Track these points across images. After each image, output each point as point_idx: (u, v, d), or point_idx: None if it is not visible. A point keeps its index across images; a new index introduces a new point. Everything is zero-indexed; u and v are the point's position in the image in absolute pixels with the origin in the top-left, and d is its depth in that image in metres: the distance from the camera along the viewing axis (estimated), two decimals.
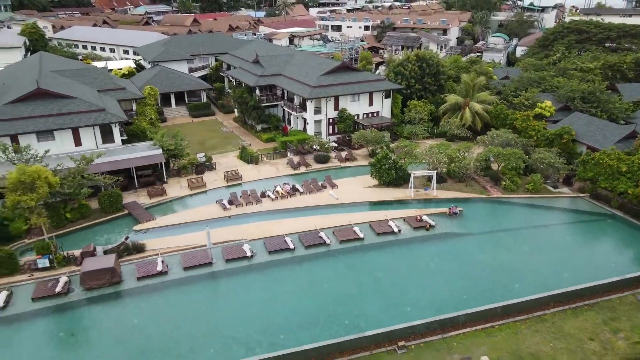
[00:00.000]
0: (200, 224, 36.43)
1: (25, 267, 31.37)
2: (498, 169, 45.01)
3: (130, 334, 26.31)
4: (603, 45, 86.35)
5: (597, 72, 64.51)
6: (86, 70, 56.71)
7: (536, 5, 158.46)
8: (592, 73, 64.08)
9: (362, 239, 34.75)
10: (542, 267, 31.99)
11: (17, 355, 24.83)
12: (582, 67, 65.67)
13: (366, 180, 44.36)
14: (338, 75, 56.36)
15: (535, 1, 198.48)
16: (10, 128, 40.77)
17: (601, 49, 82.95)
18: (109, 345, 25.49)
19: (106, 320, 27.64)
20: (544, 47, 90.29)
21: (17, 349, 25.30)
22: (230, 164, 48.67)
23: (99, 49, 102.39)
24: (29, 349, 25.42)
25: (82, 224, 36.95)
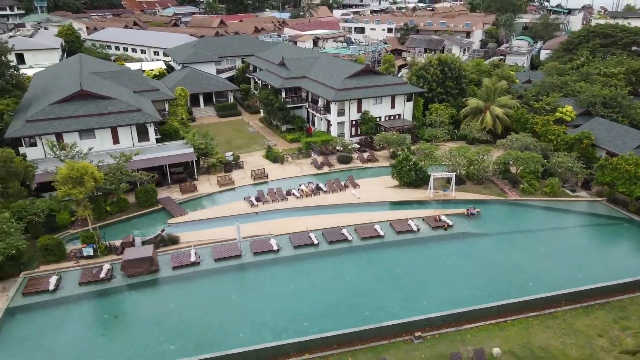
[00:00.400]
0: (229, 219, 38.74)
1: (71, 255, 34.17)
2: (516, 172, 46.12)
3: (167, 317, 28.70)
4: (629, 50, 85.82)
5: (620, 77, 64.57)
6: (123, 72, 59.89)
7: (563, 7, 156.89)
8: (615, 78, 64.19)
9: (382, 237, 36.53)
10: (557, 268, 33.20)
11: (68, 333, 27.46)
12: (605, 72, 65.81)
13: (387, 181, 46.07)
14: (361, 79, 58.13)
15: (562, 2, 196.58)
16: (56, 126, 43.88)
17: (627, 53, 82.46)
18: (148, 326, 27.93)
19: (145, 304, 30.17)
20: (568, 51, 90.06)
21: (67, 327, 27.94)
22: (256, 163, 50.96)
23: (131, 50, 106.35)
24: (78, 328, 28.05)
25: (121, 217, 39.70)
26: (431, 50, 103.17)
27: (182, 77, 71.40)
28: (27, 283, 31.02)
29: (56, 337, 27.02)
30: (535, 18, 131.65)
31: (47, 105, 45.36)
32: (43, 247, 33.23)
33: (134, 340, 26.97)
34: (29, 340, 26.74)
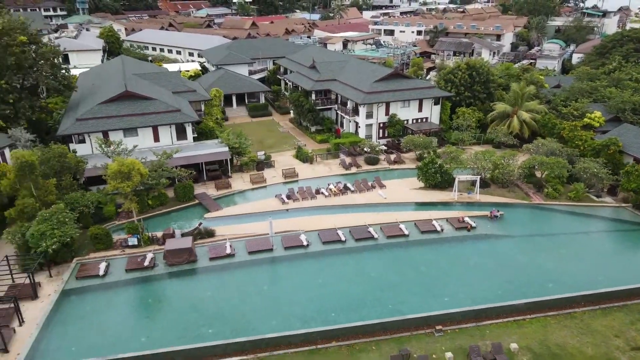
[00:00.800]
0: (261, 215, 41.01)
1: (117, 244, 37.08)
2: (541, 177, 46.87)
3: (205, 303, 31.13)
4: None
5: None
6: (162, 73, 63.19)
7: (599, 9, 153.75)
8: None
9: (407, 236, 38.14)
10: (577, 270, 34.16)
11: (116, 314, 30.23)
12: (637, 78, 65.38)
13: (413, 182, 47.56)
14: (390, 82, 59.65)
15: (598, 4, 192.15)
16: (103, 125, 47.15)
17: None
18: (188, 311, 30.40)
19: (185, 291, 32.72)
20: (600, 55, 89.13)
21: (116, 309, 30.72)
22: (287, 163, 53.18)
23: (167, 50, 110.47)
24: (125, 309, 30.83)
25: (161, 210, 42.53)
26: (460, 53, 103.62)
27: (217, 79, 74.33)
28: (80, 268, 34.02)
29: (106, 317, 29.80)
30: (569, 21, 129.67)
31: (95, 105, 48.71)
32: (93, 236, 36.24)
33: (175, 323, 29.48)
34: (83, 318, 29.60)
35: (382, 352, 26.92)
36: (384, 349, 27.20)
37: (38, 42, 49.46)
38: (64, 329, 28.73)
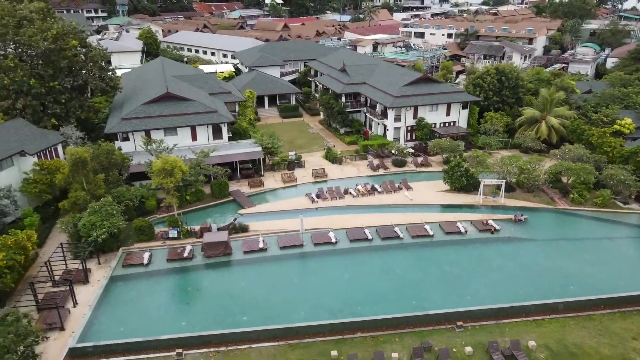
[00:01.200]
0: (292, 213, 43.17)
1: (159, 236, 39.87)
2: (567, 182, 47.42)
3: (240, 293, 33.45)
4: None
5: None
6: (199, 76, 66.26)
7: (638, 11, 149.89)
8: None
9: (431, 236, 39.61)
10: (599, 275, 34.92)
11: (159, 299, 32.90)
12: None
13: (439, 185, 48.85)
14: (418, 86, 60.92)
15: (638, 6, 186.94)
16: (146, 124, 50.29)
17: None
18: (224, 299, 32.80)
19: (221, 281, 35.18)
20: (636, 60, 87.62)
21: (158, 295, 33.42)
22: (316, 163, 55.20)
23: (202, 52, 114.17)
24: (166, 296, 33.51)
25: (198, 206, 45.23)
26: (491, 57, 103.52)
27: (250, 80, 77.04)
28: (125, 257, 36.90)
29: (150, 302, 32.50)
30: (604, 24, 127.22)
31: (138, 105, 51.93)
32: (137, 228, 39.14)
33: (212, 310, 31.91)
34: (129, 302, 32.38)
35: (405, 344, 28.60)
36: (407, 341, 28.86)
37: (88, 46, 53.00)
38: (112, 311, 31.53)
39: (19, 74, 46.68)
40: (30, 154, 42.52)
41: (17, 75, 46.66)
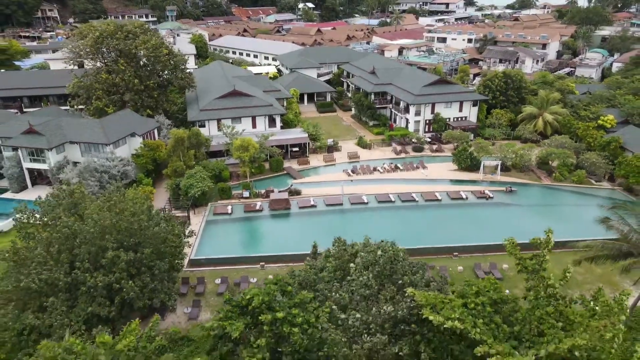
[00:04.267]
0: (332, 183, 56.30)
1: (235, 196, 53.62)
2: (551, 164, 59.14)
3: (297, 234, 46.72)
4: None
5: None
6: (254, 76, 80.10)
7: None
8: None
9: (440, 200, 52.18)
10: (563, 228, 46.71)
11: (240, 237, 46.63)
12: None
13: (449, 166, 61.23)
14: (436, 87, 73.29)
15: None
16: (218, 114, 64.32)
17: None
18: (285, 237, 46.15)
19: (283, 227, 48.64)
20: (636, 65, 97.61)
21: (239, 234, 47.13)
22: (350, 148, 68.16)
23: (245, 54, 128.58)
24: (245, 234, 47.21)
25: (261, 177, 58.83)
26: (506, 61, 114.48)
27: (292, 80, 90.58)
28: (214, 209, 50.75)
29: (233, 237, 46.27)
30: (616, 31, 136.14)
31: (211, 99, 66.04)
32: (220, 189, 52.98)
33: (277, 243, 45.20)
34: (219, 238, 46.16)
35: None
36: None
37: (172, 52, 67.33)
38: (210, 241, 45.29)
39: (127, 74, 61.23)
40: (139, 135, 56.97)
41: (125, 75, 61.22)
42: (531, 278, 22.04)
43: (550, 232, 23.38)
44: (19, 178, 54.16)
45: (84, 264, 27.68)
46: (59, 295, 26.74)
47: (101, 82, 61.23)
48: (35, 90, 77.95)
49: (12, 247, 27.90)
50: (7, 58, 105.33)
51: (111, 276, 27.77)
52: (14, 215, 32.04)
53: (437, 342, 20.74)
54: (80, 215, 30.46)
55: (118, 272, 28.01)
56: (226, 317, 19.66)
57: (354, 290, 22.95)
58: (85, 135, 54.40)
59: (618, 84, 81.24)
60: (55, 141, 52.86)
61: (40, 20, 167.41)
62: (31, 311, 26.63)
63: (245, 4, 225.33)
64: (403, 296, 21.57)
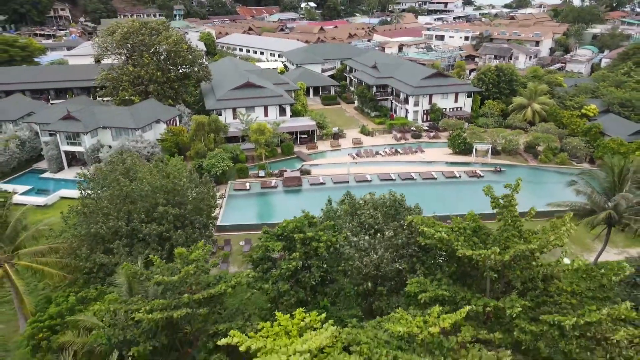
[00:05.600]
0: (339, 165, 62.29)
1: (252, 175, 59.62)
2: (538, 148, 65.13)
3: (308, 206, 52.13)
4: None
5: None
6: (264, 70, 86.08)
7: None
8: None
9: (435, 179, 58.19)
10: (544, 201, 52.80)
11: (257, 208, 52.62)
12: (638, 80, 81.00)
13: (445, 150, 67.23)
14: (433, 80, 79.30)
15: None
16: (234, 103, 70.34)
17: None
18: (298, 208, 51.75)
19: (295, 200, 54.59)
20: (622, 60, 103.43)
21: (256, 205, 53.15)
22: (354, 135, 74.11)
23: (252, 51, 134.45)
24: (262, 207, 53.24)
25: (274, 160, 64.82)
26: (501, 57, 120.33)
27: (298, 75, 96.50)
28: (234, 185, 56.78)
29: (252, 210, 52.22)
30: (606, 28, 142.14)
31: (227, 90, 72.07)
32: (238, 169, 58.98)
33: (291, 213, 50.84)
34: (239, 209, 52.16)
35: None
36: None
37: (191, 47, 73.29)
38: (231, 212, 51.30)
39: (151, 67, 67.21)
40: (164, 122, 62.97)
41: (150, 68, 67.19)
42: (501, 212, 27.75)
43: (520, 179, 28.88)
44: (57, 160, 60.12)
45: (140, 216, 33.67)
46: (122, 240, 32.70)
47: (127, 75, 67.22)
48: (60, 84, 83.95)
49: (82, 202, 33.91)
50: (28, 55, 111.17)
51: (161, 227, 33.74)
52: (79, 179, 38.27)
53: (429, 262, 26.72)
54: (132, 179, 36.42)
55: (167, 224, 33.98)
56: (267, 240, 25.66)
57: (364, 221, 28.95)
58: (116, 121, 60.40)
59: (603, 77, 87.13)
60: (90, 126, 58.85)
61: (52, 19, 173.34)
62: (98, 253, 32.59)
63: (249, 3, 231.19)
64: (403, 228, 27.53)
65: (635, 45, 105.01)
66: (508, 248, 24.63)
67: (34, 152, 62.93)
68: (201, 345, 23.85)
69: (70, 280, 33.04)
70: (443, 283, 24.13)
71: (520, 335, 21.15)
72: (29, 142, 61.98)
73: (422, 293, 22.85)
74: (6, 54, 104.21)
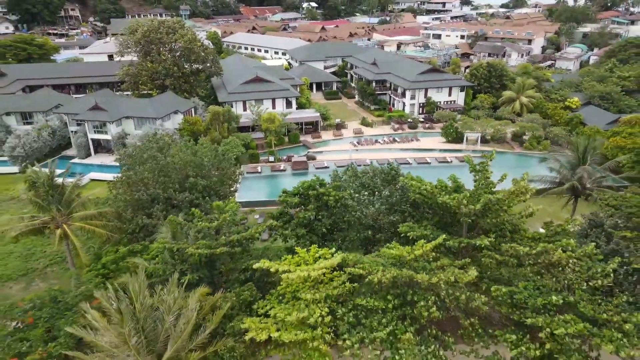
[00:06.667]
0: (341, 152, 68.23)
1: (262, 161, 65.56)
2: (524, 137, 71.12)
3: None
4: None
5: (631, 79, 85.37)
6: (270, 67, 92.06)
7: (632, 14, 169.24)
8: (626, 80, 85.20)
9: (429, 163, 64.16)
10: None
11: (267, 188, 58.58)
12: (620, 75, 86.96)
13: (439, 139, 73.18)
14: (428, 75, 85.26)
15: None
16: (244, 96, 76.31)
17: None
18: None
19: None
20: (608, 58, 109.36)
21: (266, 186, 59.09)
22: (355, 126, 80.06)
23: (257, 50, 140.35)
24: (272, 186, 59.16)
25: (282, 147, 70.74)
26: (494, 55, 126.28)
27: (302, 71, 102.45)
28: (247, 169, 62.74)
29: (263, 189, 58.19)
30: (597, 27, 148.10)
31: (238, 84, 78.05)
32: (250, 155, 64.94)
33: None
34: (252, 189, 58.17)
35: None
36: None
37: (204, 45, 79.21)
38: (246, 191, 57.26)
39: (167, 63, 73.15)
40: (181, 112, 68.93)
41: (166, 64, 73.13)
42: (477, 175, 33.66)
43: (494, 151, 34.80)
44: (85, 147, 66.03)
45: (174, 186, 39.61)
46: (160, 205, 38.62)
47: (146, 70, 73.15)
48: (80, 79, 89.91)
49: (125, 173, 39.90)
50: (45, 52, 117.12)
51: (192, 195, 39.66)
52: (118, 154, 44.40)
53: (418, 216, 32.65)
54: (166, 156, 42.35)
55: (196, 193, 39.89)
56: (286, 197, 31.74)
57: (364, 182, 34.93)
58: (139, 111, 66.33)
59: (588, 73, 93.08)
60: (115, 116, 64.78)
61: (63, 19, 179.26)
62: (140, 216, 38.53)
63: (252, 3, 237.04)
64: (397, 189, 33.48)
65: (620, 43, 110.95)
66: (479, 201, 30.53)
67: (62, 140, 68.85)
68: (234, 279, 29.79)
69: (115, 240, 38.98)
70: (428, 228, 30.06)
71: (486, 260, 27.11)
72: (59, 131, 67.90)
73: (411, 231, 28.78)
74: (25, 52, 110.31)
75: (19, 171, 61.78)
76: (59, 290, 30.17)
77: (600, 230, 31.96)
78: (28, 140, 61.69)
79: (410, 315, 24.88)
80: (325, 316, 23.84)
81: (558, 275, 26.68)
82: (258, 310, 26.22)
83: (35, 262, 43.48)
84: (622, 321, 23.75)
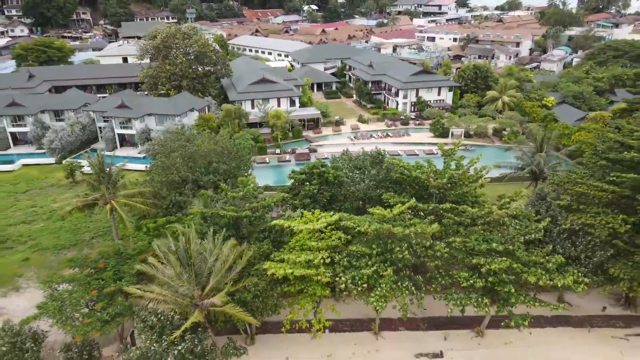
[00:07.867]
0: (340, 145, 76.46)
1: (269, 153, 73.88)
2: (502, 132, 79.46)
3: None
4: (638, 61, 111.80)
5: (604, 80, 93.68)
6: (275, 69, 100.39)
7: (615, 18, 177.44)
8: (600, 81, 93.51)
9: (417, 155, 72.48)
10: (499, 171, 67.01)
11: (274, 175, 66.86)
12: (594, 76, 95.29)
13: (427, 134, 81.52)
14: (420, 76, 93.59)
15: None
16: (252, 96, 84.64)
17: (630, 64, 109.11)
18: None
19: None
20: (589, 60, 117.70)
21: (273, 174, 67.39)
22: (352, 123, 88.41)
23: (260, 52, 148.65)
24: (278, 174, 67.45)
25: (286, 142, 79.06)
26: (484, 57, 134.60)
27: (304, 72, 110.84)
28: (256, 159, 71.00)
29: (270, 176, 66.53)
30: (582, 31, 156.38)
31: (246, 85, 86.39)
32: (259, 147, 73.27)
33: None
34: (262, 177, 66.35)
35: None
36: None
37: (215, 49, 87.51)
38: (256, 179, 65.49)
39: (184, 65, 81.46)
40: (197, 110, 77.26)
41: (182, 66, 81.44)
42: (446, 157, 41.92)
43: (461, 139, 43.06)
44: (112, 141, 74.33)
45: (200, 169, 47.94)
46: (189, 185, 46.94)
47: (165, 72, 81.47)
48: (100, 80, 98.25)
49: (160, 159, 48.27)
50: (63, 55, 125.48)
51: (215, 177, 47.97)
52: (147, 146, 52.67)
53: (399, 190, 40.97)
54: (192, 145, 50.68)
55: (219, 176, 48.23)
56: (294, 175, 40.21)
57: (356, 164, 43.34)
58: (160, 109, 74.63)
59: (567, 74, 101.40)
60: (139, 113, 73.08)
61: (75, 22, 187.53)
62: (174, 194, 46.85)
63: (255, 6, 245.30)
64: (383, 168, 41.84)
65: (599, 46, 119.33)
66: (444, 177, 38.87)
67: (91, 135, 77.16)
68: (254, 239, 38.13)
69: (153, 214, 47.29)
70: (406, 198, 38.40)
71: (447, 220, 35.46)
72: (88, 126, 76.23)
73: (392, 199, 37.13)
74: (45, 55, 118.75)
75: (55, 162, 70.22)
76: (121, 244, 38.48)
77: (544, 202, 40.28)
78: (64, 134, 70.04)
79: (390, 260, 33.20)
80: (326, 258, 32.18)
81: (503, 231, 35.02)
82: (274, 259, 34.54)
83: (82, 235, 51.82)
84: (546, 262, 32.15)
